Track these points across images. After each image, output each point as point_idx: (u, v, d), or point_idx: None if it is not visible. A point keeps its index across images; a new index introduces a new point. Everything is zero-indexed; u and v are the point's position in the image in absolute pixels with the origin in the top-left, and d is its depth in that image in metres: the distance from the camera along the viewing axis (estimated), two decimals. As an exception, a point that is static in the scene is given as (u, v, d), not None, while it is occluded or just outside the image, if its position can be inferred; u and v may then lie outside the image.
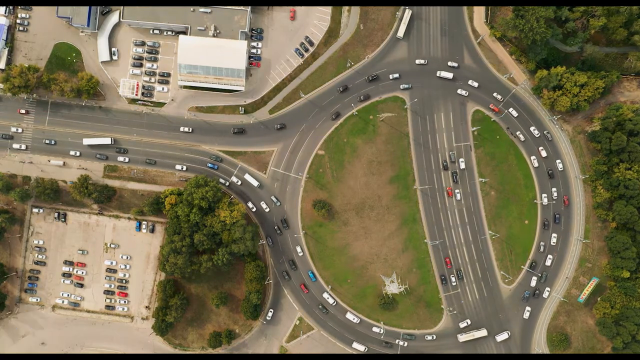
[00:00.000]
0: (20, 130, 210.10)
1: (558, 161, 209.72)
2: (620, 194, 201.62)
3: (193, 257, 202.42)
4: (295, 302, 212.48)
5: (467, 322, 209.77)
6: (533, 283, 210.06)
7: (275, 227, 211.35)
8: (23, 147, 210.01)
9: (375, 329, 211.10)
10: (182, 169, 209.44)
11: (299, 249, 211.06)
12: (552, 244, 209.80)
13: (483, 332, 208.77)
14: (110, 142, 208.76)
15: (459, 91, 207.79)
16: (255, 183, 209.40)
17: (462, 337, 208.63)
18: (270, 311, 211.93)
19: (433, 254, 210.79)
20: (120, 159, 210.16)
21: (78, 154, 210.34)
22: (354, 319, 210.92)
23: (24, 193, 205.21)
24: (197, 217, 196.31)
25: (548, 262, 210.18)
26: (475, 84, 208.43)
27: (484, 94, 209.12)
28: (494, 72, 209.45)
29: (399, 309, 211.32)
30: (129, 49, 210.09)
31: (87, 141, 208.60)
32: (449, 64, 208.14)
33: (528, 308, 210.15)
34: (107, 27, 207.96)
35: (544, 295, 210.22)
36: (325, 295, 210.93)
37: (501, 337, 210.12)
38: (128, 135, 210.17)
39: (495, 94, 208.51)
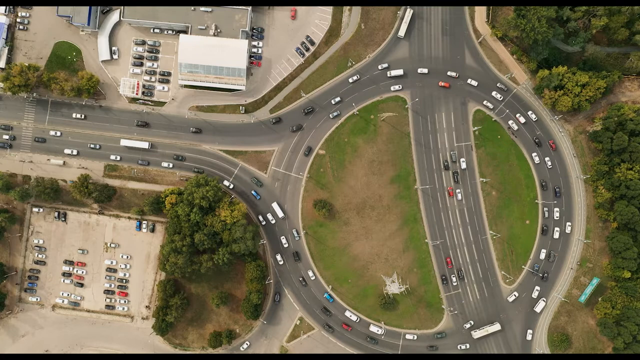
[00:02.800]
0: (58, 133, 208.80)
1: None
2: (621, 194, 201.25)
3: (193, 257, 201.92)
4: (296, 302, 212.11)
5: (470, 323, 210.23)
6: (542, 256, 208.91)
7: (300, 279, 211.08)
8: (75, 152, 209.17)
9: (408, 336, 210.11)
10: (229, 186, 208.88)
11: (310, 273, 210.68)
12: (555, 217, 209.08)
13: (496, 327, 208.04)
14: (147, 147, 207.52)
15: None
16: (280, 214, 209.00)
17: (477, 334, 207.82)
18: (247, 343, 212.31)
19: (434, 253, 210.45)
20: (165, 164, 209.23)
21: (118, 158, 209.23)
22: (377, 330, 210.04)
23: (23, 192, 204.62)
24: (198, 217, 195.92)
25: (556, 235, 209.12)
26: (476, 83, 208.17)
27: (486, 93, 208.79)
28: (495, 72, 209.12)
29: (399, 309, 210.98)
30: (130, 48, 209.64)
31: (124, 142, 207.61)
32: (380, 66, 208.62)
33: (537, 288, 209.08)
34: (108, 26, 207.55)
35: (565, 235, 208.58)
36: (348, 313, 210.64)
37: (539, 307, 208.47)
38: (128, 135, 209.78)
39: (494, 93, 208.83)
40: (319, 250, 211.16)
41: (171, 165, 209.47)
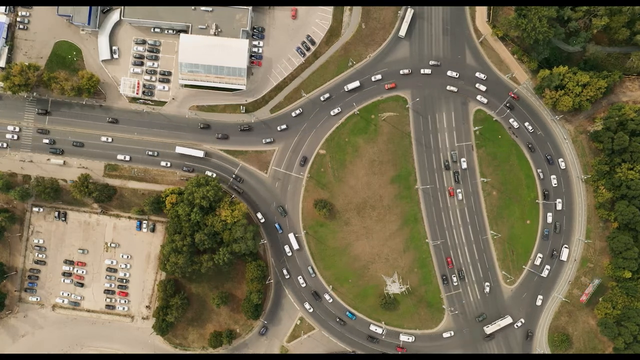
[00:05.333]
0: (110, 139, 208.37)
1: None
2: (622, 194, 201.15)
3: (194, 257, 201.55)
4: (296, 301, 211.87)
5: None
6: (549, 219, 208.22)
7: (338, 319, 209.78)
8: (127, 157, 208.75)
9: (445, 335, 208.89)
10: (260, 219, 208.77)
11: (327, 297, 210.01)
12: (554, 184, 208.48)
13: (508, 320, 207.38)
14: (202, 156, 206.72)
15: (448, 87, 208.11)
16: (295, 246, 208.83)
17: (489, 329, 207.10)
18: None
19: (434, 253, 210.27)
20: (209, 173, 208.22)
21: (169, 164, 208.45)
22: (408, 338, 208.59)
23: (24, 192, 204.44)
24: (198, 217, 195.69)
25: (559, 207, 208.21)
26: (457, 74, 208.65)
27: (486, 93, 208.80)
28: (496, 72, 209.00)
29: (400, 309, 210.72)
30: (130, 47, 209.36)
31: (179, 149, 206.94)
32: (323, 97, 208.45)
33: (547, 266, 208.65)
34: (108, 25, 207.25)
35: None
36: (373, 327, 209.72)
37: (564, 254, 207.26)
38: (129, 135, 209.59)
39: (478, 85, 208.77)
40: (320, 250, 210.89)
41: (214, 175, 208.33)
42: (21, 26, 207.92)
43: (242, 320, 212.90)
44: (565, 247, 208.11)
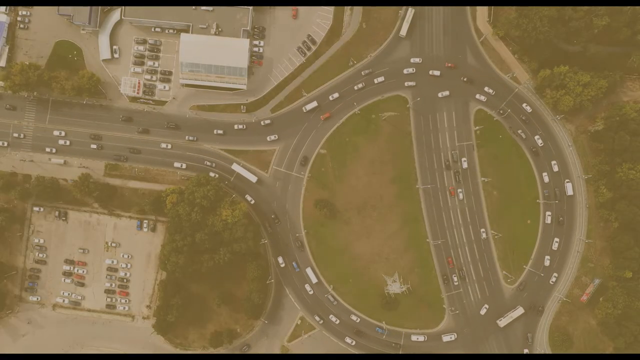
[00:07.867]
0: (169, 146, 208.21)
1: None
2: (623, 194, 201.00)
3: (194, 256, 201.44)
4: (297, 301, 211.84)
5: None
6: (547, 178, 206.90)
7: (394, 344, 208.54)
8: (184, 165, 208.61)
9: (482, 311, 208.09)
10: (281, 264, 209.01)
11: (354, 317, 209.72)
12: (555, 171, 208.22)
13: (520, 311, 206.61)
14: (255, 181, 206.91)
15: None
16: (314, 280, 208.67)
17: (502, 322, 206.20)
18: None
19: (435, 253, 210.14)
20: (248, 198, 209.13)
21: (216, 175, 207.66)
22: (451, 337, 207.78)
23: (24, 191, 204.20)
24: (199, 216, 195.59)
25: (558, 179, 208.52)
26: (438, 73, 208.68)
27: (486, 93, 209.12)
28: (496, 72, 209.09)
29: (400, 308, 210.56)
30: (130, 47, 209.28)
31: (236, 167, 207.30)
32: (263, 122, 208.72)
33: (556, 239, 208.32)
34: (109, 25, 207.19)
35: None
36: (414, 337, 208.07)
37: (569, 189, 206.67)
38: (129, 134, 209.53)
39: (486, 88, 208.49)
40: (320, 250, 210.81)
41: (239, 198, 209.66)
42: (21, 26, 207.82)
43: (243, 320, 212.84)
44: (567, 181, 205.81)
